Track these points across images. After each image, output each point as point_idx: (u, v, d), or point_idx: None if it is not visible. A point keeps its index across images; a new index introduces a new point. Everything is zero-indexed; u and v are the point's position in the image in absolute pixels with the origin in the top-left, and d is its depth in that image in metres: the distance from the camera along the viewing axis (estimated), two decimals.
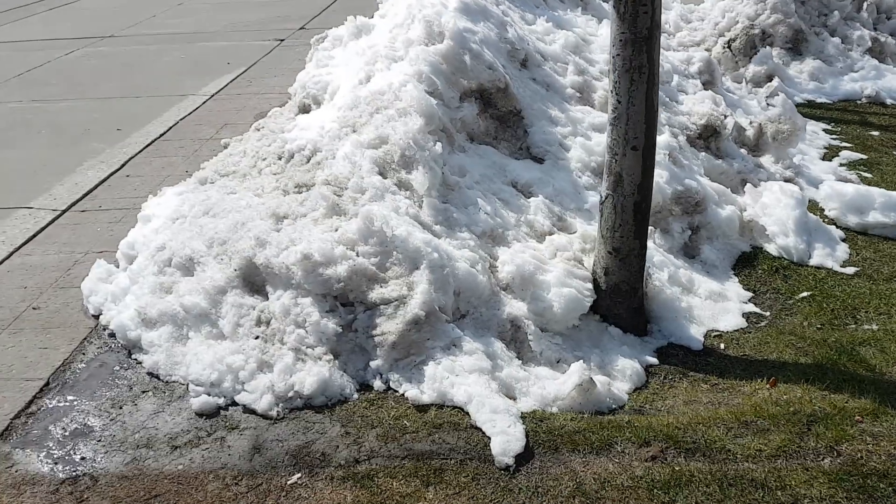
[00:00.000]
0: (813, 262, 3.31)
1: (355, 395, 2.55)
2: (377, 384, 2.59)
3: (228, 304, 2.75)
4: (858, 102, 5.19)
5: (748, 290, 3.23)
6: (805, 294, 3.11)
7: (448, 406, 2.47)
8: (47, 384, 2.72)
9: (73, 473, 2.29)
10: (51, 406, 2.60)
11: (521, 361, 2.66)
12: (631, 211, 2.79)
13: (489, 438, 2.30)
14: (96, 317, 3.08)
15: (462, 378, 2.49)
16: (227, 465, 2.28)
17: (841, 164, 4.19)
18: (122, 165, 4.76)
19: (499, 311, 2.76)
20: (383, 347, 2.59)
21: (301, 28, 8.60)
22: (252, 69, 6.89)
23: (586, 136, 3.54)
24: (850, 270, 3.25)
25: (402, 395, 2.54)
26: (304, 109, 4.03)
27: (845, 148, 4.45)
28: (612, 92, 2.68)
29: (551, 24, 4.03)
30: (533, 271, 2.84)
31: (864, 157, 4.33)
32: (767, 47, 5.45)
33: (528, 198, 3.28)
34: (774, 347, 2.83)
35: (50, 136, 5.32)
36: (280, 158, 3.55)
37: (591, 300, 2.84)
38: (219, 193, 3.39)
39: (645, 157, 2.75)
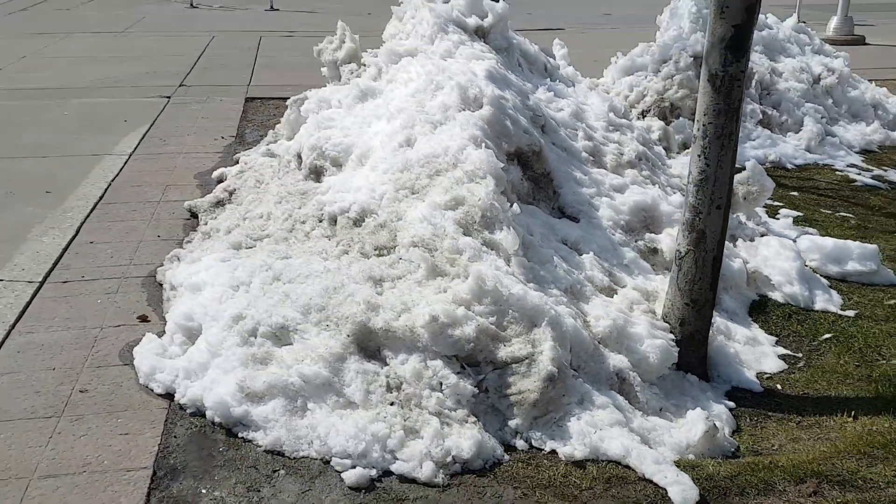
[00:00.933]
0: (817, 307, 3.74)
1: (506, 456, 2.55)
2: (520, 444, 2.61)
3: (353, 371, 2.66)
4: (765, 167, 5.89)
5: (771, 334, 3.58)
6: (827, 336, 3.50)
7: (602, 460, 2.54)
8: (155, 473, 2.47)
9: None
10: (176, 495, 2.37)
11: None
12: (710, 265, 3.05)
13: (664, 490, 2.40)
14: (166, 395, 2.84)
15: (606, 432, 2.58)
16: None
17: (790, 221, 4.75)
18: (78, 231, 4.39)
19: (604, 364, 2.88)
20: (522, 406, 2.62)
21: (181, 85, 8.35)
22: (155, 127, 6.60)
23: (610, 197, 3.78)
24: (851, 313, 3.70)
25: (550, 452, 2.58)
26: (317, 171, 3.96)
27: (779, 207, 5.04)
28: (700, 156, 2.94)
29: (552, 94, 4.27)
30: (624, 325, 3.00)
31: (800, 214, 4.93)
32: (680, 118, 6.06)
33: (581, 255, 3.45)
34: (826, 385, 3.17)
35: None
36: (321, 221, 3.48)
37: (676, 350, 3.04)
38: (271, 259, 3.26)
39: (724, 217, 3.02)
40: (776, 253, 3.87)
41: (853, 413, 2.92)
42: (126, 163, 5.67)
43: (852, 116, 6.82)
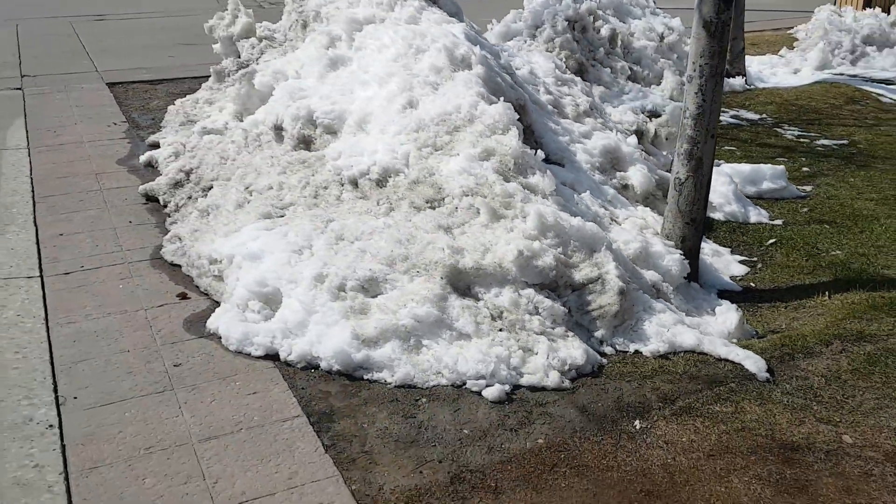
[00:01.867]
0: (752, 220, 4.46)
1: (604, 360, 2.96)
2: (607, 350, 3.02)
3: (457, 308, 2.93)
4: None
5: (725, 246, 4.25)
6: (771, 241, 4.22)
7: (679, 352, 3.03)
8: (310, 418, 2.62)
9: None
10: (343, 432, 2.55)
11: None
12: (705, 188, 3.62)
13: (739, 364, 2.93)
14: (266, 357, 2.95)
15: (675, 329, 3.06)
16: (575, 428, 2.56)
17: None
18: (36, 226, 4.18)
19: (642, 279, 3.36)
20: (605, 318, 3.04)
21: (24, 76, 7.83)
22: (33, 118, 6.23)
23: (581, 143, 4.25)
24: (779, 222, 4.46)
25: (635, 352, 3.02)
26: (305, 140, 4.08)
27: None
28: (697, 93, 3.47)
29: (507, 53, 4.65)
30: (646, 246, 3.49)
31: None
32: None
33: (579, 194, 3.90)
34: (789, 277, 3.87)
35: None
36: (342, 185, 3.65)
37: (687, 262, 3.59)
38: (318, 222, 3.40)
39: (714, 145, 3.59)
40: (713, 179, 4.53)
41: (826, 293, 3.61)
42: (30, 156, 5.32)
43: None
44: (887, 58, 8.81)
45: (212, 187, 4.21)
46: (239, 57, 6.16)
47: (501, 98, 3.71)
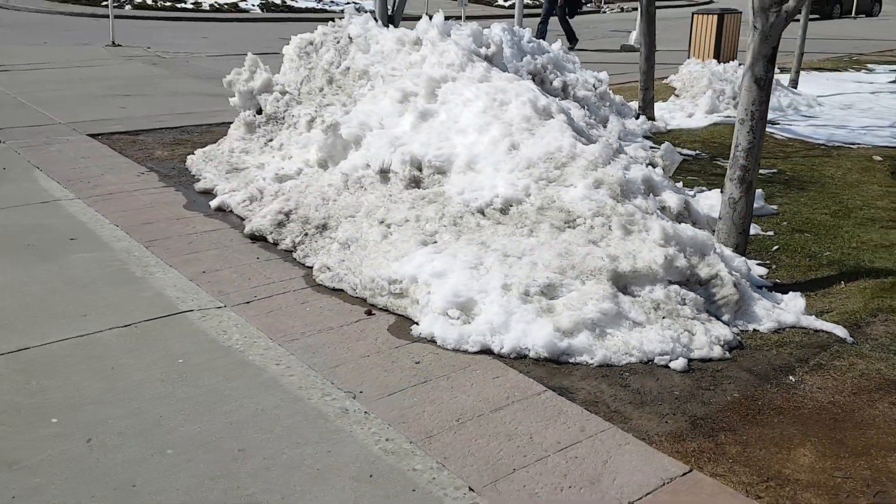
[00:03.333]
0: (752, 234, 5.55)
1: (739, 338, 3.85)
2: (734, 330, 3.92)
3: (627, 303, 3.73)
4: None
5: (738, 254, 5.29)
6: (775, 247, 5.31)
7: (785, 328, 3.97)
8: (554, 391, 3.31)
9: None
10: (591, 401, 3.27)
11: None
12: (751, 205, 4.64)
13: (832, 333, 3.91)
14: (480, 352, 3.59)
15: (774, 310, 4.02)
16: (753, 385, 3.40)
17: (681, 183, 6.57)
18: (172, 266, 4.56)
19: (733, 275, 4.30)
20: (729, 305, 3.94)
21: None
22: (50, 171, 6.45)
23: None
24: (771, 233, 5.58)
25: (753, 331, 3.93)
26: (416, 181, 4.74)
27: None
28: (749, 132, 4.49)
29: None
30: (722, 251, 4.45)
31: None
32: None
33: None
34: (802, 274, 4.92)
35: None
36: (473, 214, 4.37)
37: (749, 264, 4.57)
38: (472, 245, 4.10)
39: (757, 172, 4.63)
40: (717, 202, 5.60)
41: (841, 282, 4.69)
42: (91, 206, 5.57)
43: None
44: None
45: (326, 225, 4.75)
46: (260, 111, 6.67)
47: (598, 140, 4.57)
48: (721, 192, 4.71)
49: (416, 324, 3.79)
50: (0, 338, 3.55)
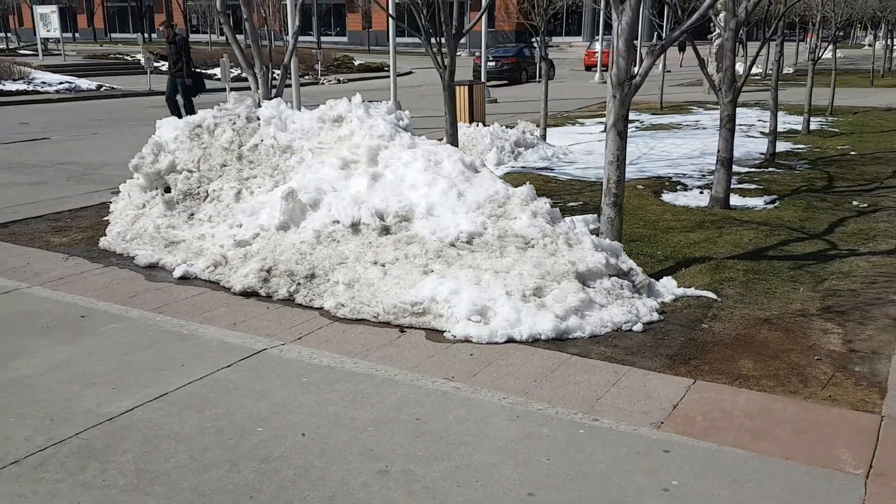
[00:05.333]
0: None
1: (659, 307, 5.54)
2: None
3: (591, 292, 5.26)
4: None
5: None
6: None
7: (677, 298, 5.74)
8: (572, 355, 4.73)
9: None
10: (606, 357, 4.74)
11: None
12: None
13: (706, 296, 5.75)
14: (508, 341, 4.90)
15: (664, 287, 5.79)
16: (688, 331, 5.09)
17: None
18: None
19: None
20: (644, 287, 5.63)
21: None
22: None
23: None
24: None
25: (661, 302, 5.65)
26: (385, 229, 5.91)
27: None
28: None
29: None
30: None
31: None
32: None
33: None
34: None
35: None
36: (451, 245, 5.68)
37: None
38: (464, 269, 5.40)
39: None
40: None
41: (682, 268, 6.63)
42: (58, 290, 5.93)
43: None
44: (533, 154, 12.79)
45: (314, 274, 5.71)
46: (168, 190, 7.32)
47: (525, 184, 6.08)
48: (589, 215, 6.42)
49: (444, 332, 4.95)
50: (129, 392, 4.12)
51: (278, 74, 8.85)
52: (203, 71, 31.77)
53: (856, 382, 4.27)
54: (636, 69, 6.08)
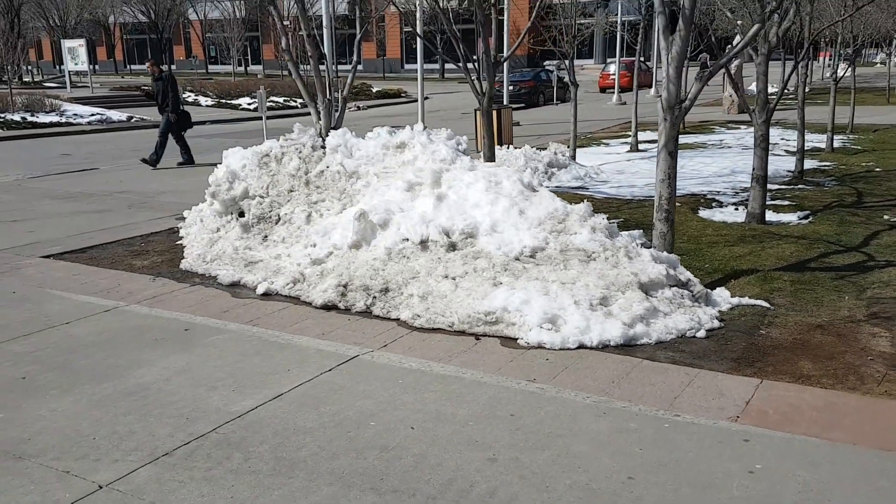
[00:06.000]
0: None
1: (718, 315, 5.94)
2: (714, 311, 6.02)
3: (654, 301, 5.67)
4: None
5: None
6: None
7: (732, 307, 6.14)
8: (654, 361, 5.13)
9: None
10: (686, 359, 5.13)
11: None
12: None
13: (759, 305, 6.14)
14: (579, 347, 5.30)
15: (719, 297, 6.19)
16: (747, 337, 5.48)
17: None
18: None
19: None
20: (702, 297, 6.03)
21: None
22: (54, 289, 7.07)
23: None
24: None
25: (718, 311, 6.05)
26: (452, 245, 6.35)
27: None
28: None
29: None
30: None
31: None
32: None
33: None
34: None
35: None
36: (514, 261, 6.11)
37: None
38: (531, 280, 5.82)
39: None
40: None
41: (731, 280, 7.02)
42: (155, 307, 6.39)
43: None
44: (566, 174, 13.24)
45: (387, 288, 6.14)
46: (241, 214, 7.81)
47: (582, 202, 6.52)
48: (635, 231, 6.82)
49: (517, 339, 5.36)
50: (249, 393, 4.56)
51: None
52: (229, 101, 32.71)
53: None
54: (686, 93, 6.51)
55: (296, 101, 32.37)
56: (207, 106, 32.39)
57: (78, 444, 4.02)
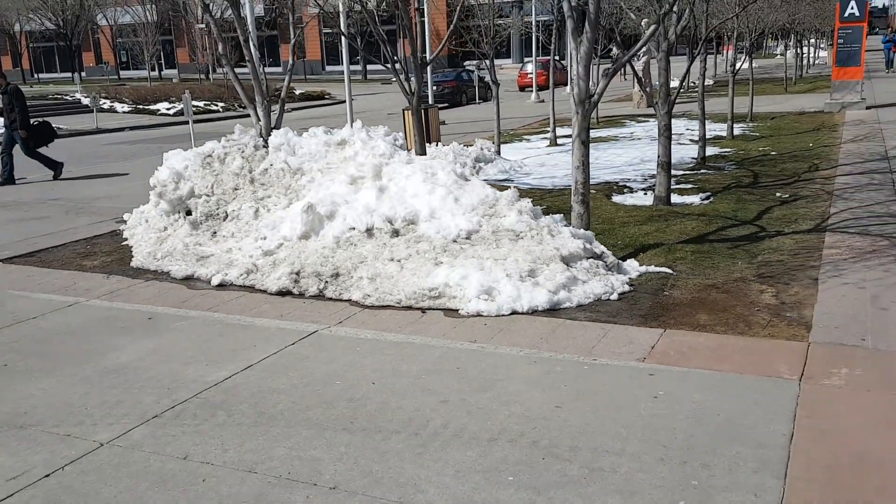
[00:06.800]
0: None
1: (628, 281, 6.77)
2: (625, 277, 6.85)
3: (574, 271, 6.46)
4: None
5: None
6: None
7: (640, 274, 6.98)
8: (589, 318, 5.90)
9: None
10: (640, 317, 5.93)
11: None
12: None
13: (664, 272, 7.01)
14: (512, 313, 6.06)
15: (629, 266, 7.04)
16: (654, 297, 6.32)
17: None
18: None
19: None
20: (615, 266, 6.86)
21: None
22: (14, 290, 7.43)
23: None
24: None
25: (629, 277, 6.88)
26: (396, 232, 7.01)
27: None
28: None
29: None
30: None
31: None
32: None
33: None
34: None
35: None
36: (452, 243, 6.82)
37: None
38: (469, 258, 6.54)
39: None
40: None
41: (640, 253, 7.88)
42: (114, 301, 6.84)
43: None
44: (492, 168, 14.02)
45: (338, 273, 6.77)
46: (189, 213, 8.29)
47: (516, 182, 7.26)
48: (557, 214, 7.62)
49: (458, 310, 6.06)
50: (221, 366, 5.11)
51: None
52: (146, 107, 32.44)
53: (788, 324, 5.53)
54: (595, 88, 7.33)
55: (216, 105, 32.40)
56: (124, 112, 32.12)
57: (72, 414, 4.52)
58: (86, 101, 32.27)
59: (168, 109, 30.98)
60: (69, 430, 4.30)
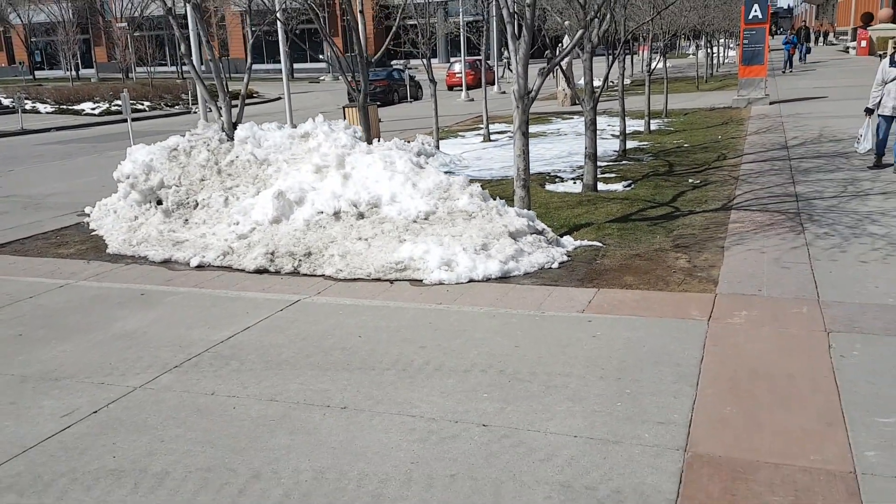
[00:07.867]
0: None
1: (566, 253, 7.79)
2: (563, 250, 7.87)
3: (521, 245, 7.45)
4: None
5: None
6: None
7: (575, 248, 8.03)
8: (537, 282, 6.89)
9: None
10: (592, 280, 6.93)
11: None
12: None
13: (595, 245, 8.07)
14: (469, 281, 7.00)
15: (566, 240, 8.08)
16: (588, 265, 7.37)
17: None
18: None
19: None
20: (553, 241, 7.88)
21: None
22: None
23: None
24: None
25: (567, 250, 7.92)
26: (360, 215, 7.88)
27: None
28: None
29: None
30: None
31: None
32: None
33: None
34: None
35: None
36: (414, 222, 7.72)
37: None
38: (429, 236, 7.46)
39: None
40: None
41: (573, 231, 8.94)
42: (104, 281, 7.50)
43: None
44: (434, 161, 14.92)
45: (310, 252, 7.59)
46: (160, 202, 8.96)
47: (458, 174, 8.18)
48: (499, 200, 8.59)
49: (422, 280, 6.96)
50: (222, 328, 5.87)
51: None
52: (70, 107, 32.13)
53: (699, 281, 6.62)
54: (532, 85, 8.33)
55: (143, 104, 32.32)
56: (48, 113, 31.75)
57: (99, 369, 5.24)
58: (6, 101, 31.77)
59: (93, 109, 30.79)
60: (102, 379, 5.02)
